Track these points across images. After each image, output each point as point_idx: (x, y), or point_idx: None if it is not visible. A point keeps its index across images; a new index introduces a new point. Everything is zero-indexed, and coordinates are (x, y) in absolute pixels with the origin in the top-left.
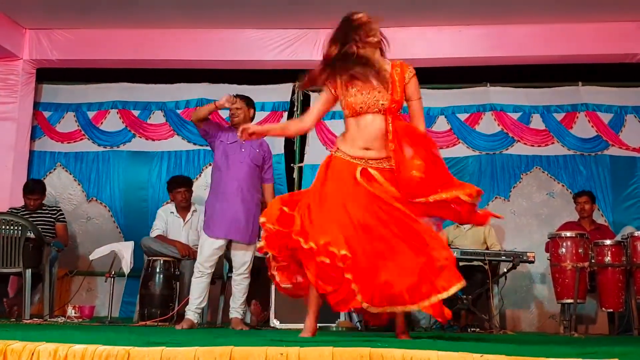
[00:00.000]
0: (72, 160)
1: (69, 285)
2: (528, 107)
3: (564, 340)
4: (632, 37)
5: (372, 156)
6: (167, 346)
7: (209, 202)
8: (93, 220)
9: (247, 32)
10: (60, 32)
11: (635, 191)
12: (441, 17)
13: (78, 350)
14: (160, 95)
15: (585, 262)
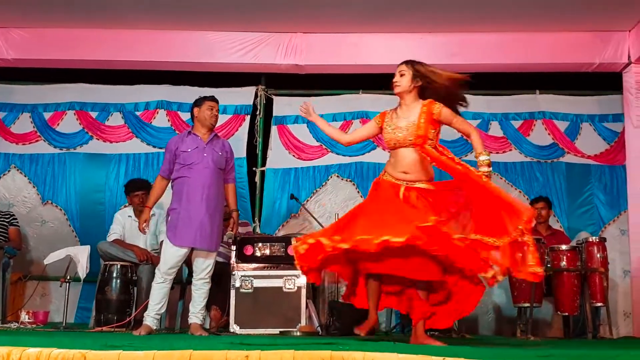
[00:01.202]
0: (27, 162)
1: (23, 290)
2: (487, 115)
3: (520, 343)
4: (589, 46)
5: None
6: (124, 350)
7: (172, 210)
8: (48, 224)
9: (210, 34)
10: (16, 30)
11: (590, 198)
12: (403, 24)
13: (32, 353)
14: (119, 97)
15: (542, 266)
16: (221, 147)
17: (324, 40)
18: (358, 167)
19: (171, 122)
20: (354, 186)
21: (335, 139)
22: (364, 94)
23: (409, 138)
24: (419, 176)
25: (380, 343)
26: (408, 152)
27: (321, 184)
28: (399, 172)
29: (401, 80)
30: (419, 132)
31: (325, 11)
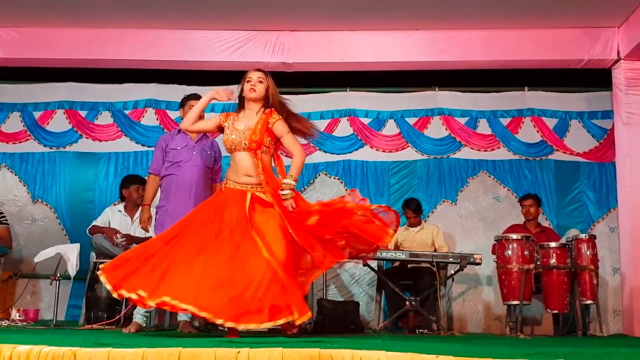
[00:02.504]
0: (17, 161)
1: (13, 288)
2: (475, 112)
3: (510, 341)
4: (578, 43)
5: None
6: (114, 347)
7: (161, 207)
8: (38, 222)
9: (197, 32)
10: (5, 30)
11: (579, 195)
12: (390, 21)
13: (23, 350)
14: (108, 96)
15: (531, 264)
16: (210, 147)
17: (311, 38)
18: (346, 165)
19: (160, 120)
20: (342, 184)
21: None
22: (351, 92)
23: (244, 142)
24: (259, 181)
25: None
26: (244, 156)
27: (309, 182)
28: (242, 176)
29: (259, 87)
30: (254, 137)
31: (313, 9)
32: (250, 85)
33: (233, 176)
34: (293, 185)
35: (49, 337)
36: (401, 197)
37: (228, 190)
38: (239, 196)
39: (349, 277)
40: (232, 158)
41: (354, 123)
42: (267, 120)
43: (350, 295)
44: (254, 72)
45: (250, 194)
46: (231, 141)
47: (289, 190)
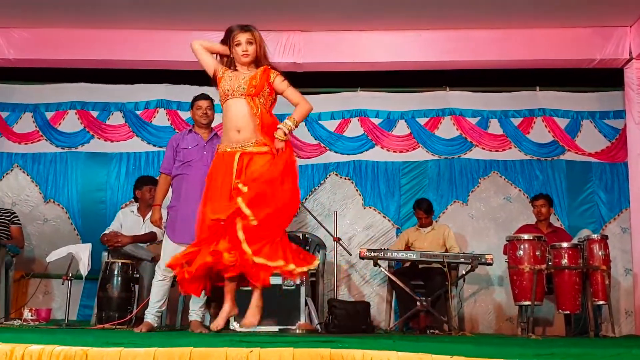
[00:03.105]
0: (29, 161)
1: (26, 288)
2: (486, 112)
3: (521, 342)
4: (589, 42)
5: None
6: (125, 347)
7: (172, 207)
8: (50, 222)
9: (208, 33)
10: (17, 30)
11: (591, 196)
12: (401, 21)
13: (35, 350)
14: (119, 96)
15: (543, 264)
16: None
17: (321, 38)
18: (356, 165)
19: (171, 121)
20: (352, 184)
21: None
22: (362, 92)
23: (243, 86)
24: (252, 136)
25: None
26: (240, 103)
27: (319, 182)
28: (232, 132)
29: (250, 50)
30: (254, 82)
31: (323, 9)
32: (242, 50)
33: (224, 136)
34: (290, 127)
35: (61, 337)
36: (412, 198)
37: (219, 156)
38: (229, 159)
39: (360, 277)
40: (225, 109)
41: (365, 123)
42: (267, 74)
43: (361, 295)
44: (241, 33)
45: (239, 155)
46: (228, 86)
47: (283, 132)
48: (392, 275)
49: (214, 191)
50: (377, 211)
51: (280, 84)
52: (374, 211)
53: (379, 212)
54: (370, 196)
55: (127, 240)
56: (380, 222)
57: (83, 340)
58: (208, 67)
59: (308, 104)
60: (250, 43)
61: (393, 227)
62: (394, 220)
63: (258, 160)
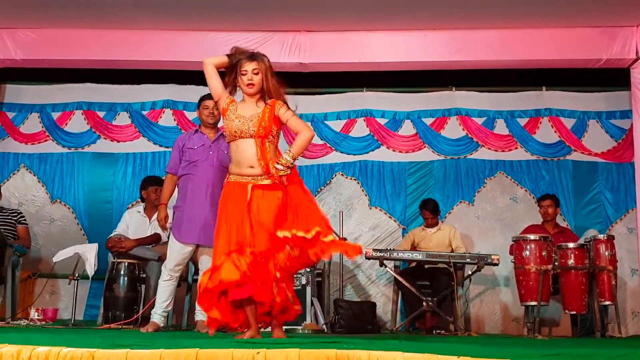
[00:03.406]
0: (36, 161)
1: (32, 288)
2: (492, 112)
3: (527, 342)
4: (596, 42)
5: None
6: (132, 348)
7: (177, 207)
8: (57, 222)
9: (214, 34)
10: (24, 31)
11: (597, 196)
12: (406, 21)
13: (42, 352)
14: (125, 96)
15: (549, 264)
16: (227, 146)
17: (327, 38)
18: (362, 165)
19: (177, 121)
20: (358, 184)
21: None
22: (368, 92)
23: (252, 128)
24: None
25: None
26: (249, 144)
27: (325, 182)
28: (245, 168)
29: (256, 80)
30: (263, 124)
31: (329, 9)
32: (247, 79)
33: (235, 169)
34: (289, 162)
35: (68, 337)
36: (418, 198)
37: (230, 185)
38: (240, 190)
39: (366, 277)
40: (234, 147)
41: (371, 123)
42: (272, 110)
43: (367, 295)
44: (247, 62)
45: (251, 186)
46: (236, 127)
47: (282, 167)
48: (398, 275)
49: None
50: (383, 211)
51: (283, 114)
52: (380, 211)
53: (385, 212)
54: (376, 196)
55: (131, 245)
56: (386, 222)
57: (90, 341)
58: (214, 93)
59: (308, 133)
60: (256, 73)
61: (399, 227)
62: (400, 220)
63: (268, 197)
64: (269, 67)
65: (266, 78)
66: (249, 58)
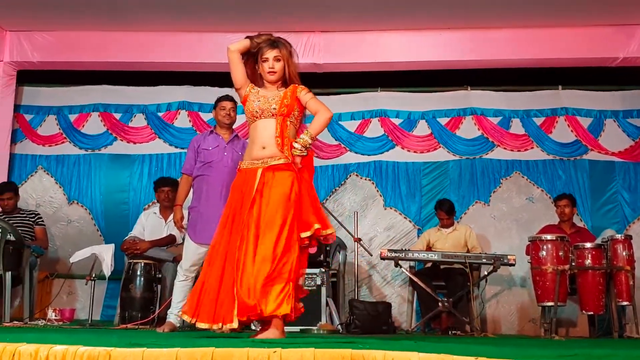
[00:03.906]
0: (53, 163)
1: (50, 288)
2: (508, 112)
3: (544, 343)
4: (612, 41)
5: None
6: (148, 347)
7: (192, 208)
8: (73, 223)
9: (229, 35)
10: (41, 34)
11: (614, 196)
12: (422, 21)
13: (59, 351)
14: (141, 98)
15: (566, 264)
16: (241, 147)
17: (341, 38)
18: (377, 165)
19: (192, 122)
20: (372, 185)
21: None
22: (382, 92)
23: (274, 106)
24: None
25: (400, 342)
26: (269, 123)
27: (340, 183)
28: (257, 150)
29: (277, 67)
30: (286, 101)
31: (343, 10)
32: (269, 67)
33: (247, 154)
34: (307, 141)
35: (85, 337)
36: (433, 199)
37: (242, 173)
38: (250, 176)
39: (381, 278)
40: (252, 129)
41: (385, 124)
42: (295, 91)
43: (382, 296)
44: (269, 49)
45: (261, 170)
46: (257, 107)
47: (300, 145)
48: (413, 275)
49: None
50: (398, 212)
51: (304, 96)
52: (395, 212)
53: (400, 213)
54: (391, 197)
55: (145, 246)
56: (401, 223)
57: (106, 340)
58: (237, 80)
59: (327, 113)
60: (278, 60)
61: (414, 228)
62: (415, 221)
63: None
64: (290, 53)
65: (288, 65)
66: (271, 45)
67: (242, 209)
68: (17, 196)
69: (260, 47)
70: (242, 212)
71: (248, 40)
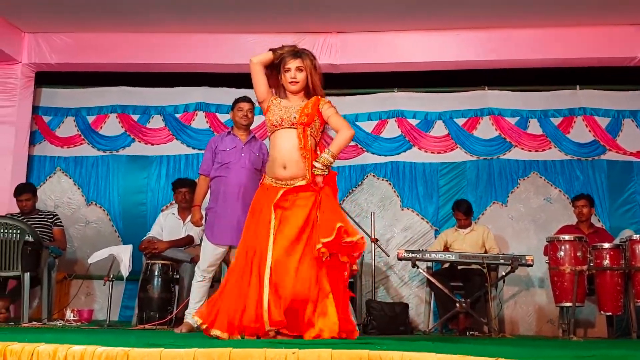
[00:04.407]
0: (71, 164)
1: (68, 289)
2: (526, 112)
3: (562, 344)
4: (630, 40)
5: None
6: (166, 348)
7: (210, 209)
8: (92, 224)
9: (245, 36)
10: (59, 35)
11: (632, 196)
12: (438, 21)
13: (77, 351)
14: (159, 99)
15: (584, 265)
16: (259, 149)
17: (358, 39)
18: (394, 166)
19: (210, 123)
20: (390, 185)
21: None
22: (399, 92)
23: (294, 115)
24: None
25: (418, 342)
26: (289, 134)
27: (357, 183)
28: (279, 168)
29: (299, 77)
30: (306, 111)
31: (360, 10)
32: (290, 77)
33: (270, 169)
34: (328, 160)
35: (103, 337)
36: (450, 199)
37: (264, 188)
38: (271, 195)
39: (398, 279)
40: (273, 140)
41: (402, 124)
42: (317, 103)
43: (399, 296)
44: (291, 59)
45: (282, 192)
46: (277, 116)
47: (320, 165)
48: (430, 276)
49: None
50: (415, 213)
51: (327, 110)
52: (412, 213)
53: (417, 213)
54: (408, 198)
55: (164, 246)
56: (418, 223)
57: (125, 340)
58: (259, 93)
59: (349, 131)
60: (300, 70)
61: (431, 229)
62: (432, 222)
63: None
64: (313, 64)
65: (311, 75)
66: (293, 55)
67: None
68: (35, 197)
69: (283, 57)
70: (263, 229)
71: (271, 52)
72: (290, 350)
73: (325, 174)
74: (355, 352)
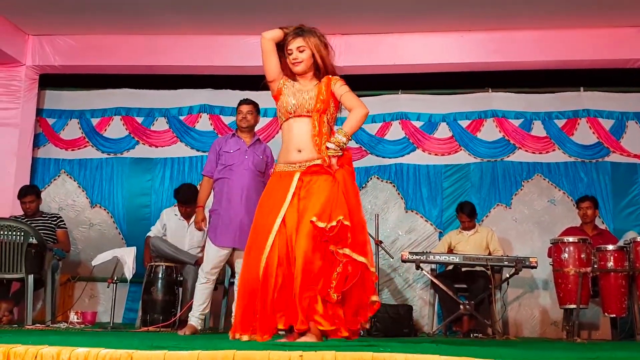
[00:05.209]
0: (76, 167)
1: (72, 291)
2: (529, 114)
3: (566, 346)
4: (634, 42)
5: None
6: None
7: (213, 210)
8: (96, 227)
9: (251, 38)
10: (63, 38)
11: (636, 198)
12: (443, 23)
13: (81, 353)
14: (163, 102)
15: (588, 267)
16: (262, 151)
17: (362, 41)
18: (398, 168)
19: (214, 125)
20: (394, 188)
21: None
22: (403, 94)
23: (310, 102)
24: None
25: (422, 344)
26: (304, 123)
27: (361, 185)
28: (293, 152)
29: (302, 57)
30: (321, 97)
31: (363, 12)
32: (292, 58)
33: (283, 156)
34: (341, 141)
35: (107, 340)
36: (454, 201)
37: (276, 176)
38: (286, 180)
39: (402, 281)
40: (286, 128)
41: (406, 126)
42: (329, 84)
43: (403, 299)
44: (292, 39)
45: (299, 175)
46: (292, 104)
47: (334, 145)
48: (434, 278)
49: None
50: (419, 215)
51: (339, 88)
52: (416, 215)
53: (421, 216)
54: (412, 200)
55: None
56: (422, 226)
57: (128, 343)
58: (269, 71)
59: (363, 109)
60: (302, 51)
61: (435, 231)
62: (436, 224)
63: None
64: (321, 41)
65: (318, 53)
66: (295, 34)
67: (274, 211)
68: (39, 199)
69: (286, 37)
70: (275, 215)
71: (280, 30)
72: (297, 353)
73: (339, 155)
74: (359, 354)
